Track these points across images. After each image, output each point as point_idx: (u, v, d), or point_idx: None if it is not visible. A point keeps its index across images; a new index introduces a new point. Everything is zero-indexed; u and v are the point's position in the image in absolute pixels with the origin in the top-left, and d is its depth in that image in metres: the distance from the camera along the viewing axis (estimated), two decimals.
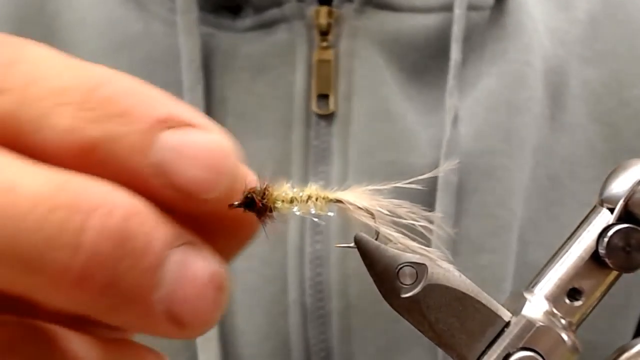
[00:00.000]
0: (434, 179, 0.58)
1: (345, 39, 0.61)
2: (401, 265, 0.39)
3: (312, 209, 0.40)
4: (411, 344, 0.60)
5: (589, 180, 0.63)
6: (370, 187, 0.40)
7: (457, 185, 0.59)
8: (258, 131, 0.60)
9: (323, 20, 0.60)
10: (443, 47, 0.62)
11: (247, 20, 0.62)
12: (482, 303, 0.39)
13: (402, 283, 0.39)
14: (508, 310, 0.40)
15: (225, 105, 0.60)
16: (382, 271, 0.39)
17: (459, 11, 0.60)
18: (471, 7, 0.62)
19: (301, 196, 0.40)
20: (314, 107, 0.59)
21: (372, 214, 0.40)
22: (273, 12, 0.61)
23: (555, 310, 0.39)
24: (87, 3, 0.63)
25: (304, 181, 0.58)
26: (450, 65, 0.61)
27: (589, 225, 0.40)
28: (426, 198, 0.56)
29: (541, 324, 0.39)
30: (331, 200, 0.40)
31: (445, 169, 0.47)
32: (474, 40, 0.63)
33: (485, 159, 0.61)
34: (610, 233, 0.39)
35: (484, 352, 0.39)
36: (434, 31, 0.62)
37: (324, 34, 0.61)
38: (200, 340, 0.58)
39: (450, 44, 0.61)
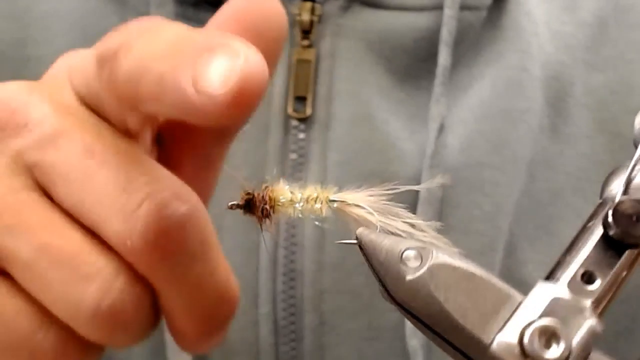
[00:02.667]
0: (416, 192, 0.54)
1: (327, 38, 0.59)
2: (405, 249, 0.37)
3: (312, 210, 0.40)
4: None
5: (594, 195, 0.57)
6: (369, 191, 0.40)
7: (441, 199, 0.55)
8: None
9: (306, 17, 0.58)
10: (434, 49, 0.60)
11: None
12: (492, 282, 0.37)
13: (407, 266, 0.37)
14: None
15: None
16: (385, 258, 0.38)
17: (449, 11, 0.58)
18: (465, 7, 0.59)
19: (301, 197, 0.40)
20: (290, 110, 0.57)
21: (372, 212, 0.39)
22: None
23: (572, 293, 0.37)
24: None
25: None
26: (438, 71, 0.58)
27: (594, 217, 0.39)
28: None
29: (560, 295, 0.36)
30: (331, 200, 0.40)
31: (430, 184, 0.43)
32: (467, 42, 0.61)
33: (473, 172, 0.57)
34: (616, 210, 0.38)
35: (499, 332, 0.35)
36: (425, 32, 0.59)
37: (306, 32, 0.58)
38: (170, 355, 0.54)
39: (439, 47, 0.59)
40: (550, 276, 0.38)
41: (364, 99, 0.58)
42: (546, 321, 0.35)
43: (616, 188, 0.39)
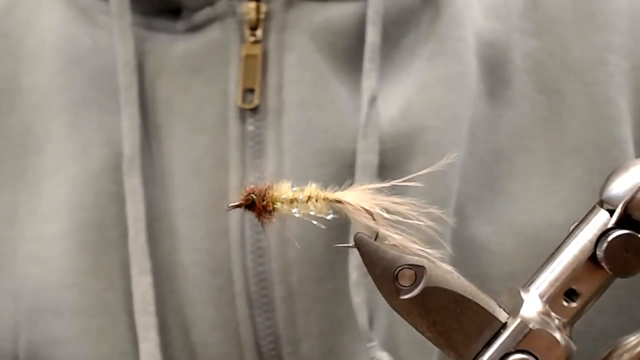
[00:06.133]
0: (354, 163, 0.60)
1: (274, 33, 0.63)
2: (400, 268, 0.40)
3: (311, 210, 0.41)
4: (352, 324, 0.60)
5: (537, 150, 0.64)
6: (370, 186, 0.41)
7: (379, 165, 0.60)
8: (197, 128, 0.62)
9: (252, 16, 0.63)
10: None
11: (183, 23, 0.64)
12: (479, 305, 0.40)
13: (401, 285, 0.40)
14: (505, 310, 0.40)
15: (163, 105, 0.63)
16: (381, 273, 0.40)
17: None
18: None
19: (301, 197, 0.41)
20: (239, 101, 0.62)
21: (371, 215, 0.40)
22: (206, 12, 0.64)
23: (550, 311, 0.39)
24: (47, 24, 0.67)
25: (242, 175, 0.61)
26: (366, 48, 0.62)
27: (587, 225, 0.40)
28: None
29: (536, 326, 0.39)
30: (331, 200, 0.41)
31: (436, 168, 0.46)
32: (406, 23, 0.65)
33: (414, 137, 0.61)
34: (609, 238, 0.39)
35: (481, 352, 0.39)
36: (360, 17, 0.64)
37: (253, 28, 0.63)
38: (140, 330, 0.61)
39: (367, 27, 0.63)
40: (533, 284, 0.40)
41: (311, 85, 0.63)
42: (520, 356, 0.39)
43: (616, 189, 0.40)
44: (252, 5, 0.63)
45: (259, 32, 0.63)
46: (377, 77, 0.62)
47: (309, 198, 0.41)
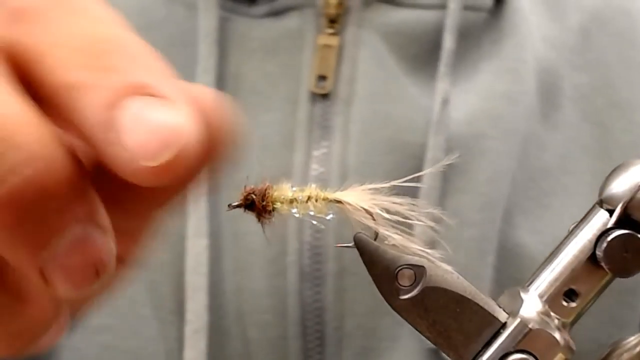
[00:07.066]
0: (423, 158, 0.64)
1: (351, 28, 0.67)
2: (400, 268, 0.40)
3: (311, 210, 0.41)
4: None
5: (581, 173, 0.69)
6: (369, 186, 0.41)
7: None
8: (267, 106, 0.66)
9: (332, 10, 0.67)
10: (439, 41, 0.68)
11: (262, 8, 0.69)
12: (479, 305, 0.40)
13: (400, 285, 0.40)
14: (504, 310, 0.40)
15: (238, 81, 0.67)
16: (381, 272, 0.40)
17: (453, 5, 0.67)
18: (468, 7, 0.69)
19: (301, 197, 0.41)
20: (313, 86, 0.66)
21: (371, 215, 0.40)
22: (285, 1, 0.68)
23: (550, 311, 0.39)
24: None
25: (307, 154, 0.64)
26: (442, 53, 0.67)
27: (586, 225, 0.40)
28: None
29: (535, 326, 0.39)
30: (331, 201, 0.41)
31: (434, 169, 0.48)
32: (471, 38, 0.69)
33: (476, 142, 0.65)
34: (609, 238, 0.39)
35: (480, 352, 0.39)
36: (433, 26, 0.68)
37: (332, 21, 0.67)
38: (189, 289, 0.63)
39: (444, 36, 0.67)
40: (532, 284, 0.40)
41: (382, 79, 0.67)
42: (520, 356, 0.39)
43: (615, 188, 0.40)
44: (334, 0, 0.68)
45: (337, 26, 0.67)
46: (450, 81, 0.66)
47: (309, 198, 0.41)
